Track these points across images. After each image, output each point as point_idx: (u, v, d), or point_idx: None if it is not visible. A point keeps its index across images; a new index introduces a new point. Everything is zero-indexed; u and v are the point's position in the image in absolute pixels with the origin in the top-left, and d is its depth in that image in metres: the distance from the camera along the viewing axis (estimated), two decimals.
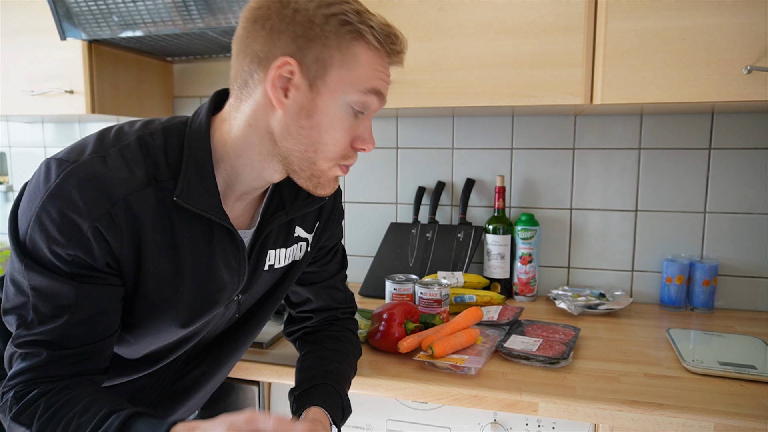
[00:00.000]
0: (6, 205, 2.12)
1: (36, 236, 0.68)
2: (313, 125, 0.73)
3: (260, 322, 0.97)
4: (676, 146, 1.50)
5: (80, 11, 1.34)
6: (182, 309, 0.80)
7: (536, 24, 1.19)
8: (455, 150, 1.66)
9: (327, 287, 1.03)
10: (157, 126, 0.78)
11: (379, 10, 1.29)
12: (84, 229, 0.68)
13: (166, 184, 0.74)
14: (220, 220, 0.77)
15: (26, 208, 0.69)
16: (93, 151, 0.71)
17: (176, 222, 0.75)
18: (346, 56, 0.72)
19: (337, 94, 0.73)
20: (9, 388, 0.70)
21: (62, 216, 0.67)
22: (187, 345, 0.88)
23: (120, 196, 0.70)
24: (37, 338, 0.70)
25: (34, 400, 0.69)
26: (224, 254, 0.81)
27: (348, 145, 0.76)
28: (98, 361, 0.74)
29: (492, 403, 0.98)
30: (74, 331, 0.70)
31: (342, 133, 0.75)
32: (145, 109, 1.74)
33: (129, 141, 0.74)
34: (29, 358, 0.70)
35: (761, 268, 1.48)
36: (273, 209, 0.86)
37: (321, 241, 0.98)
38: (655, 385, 1.00)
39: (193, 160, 0.76)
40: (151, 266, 0.74)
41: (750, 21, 1.08)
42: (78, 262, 0.69)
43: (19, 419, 0.68)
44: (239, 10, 1.26)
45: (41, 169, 0.70)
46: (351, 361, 0.99)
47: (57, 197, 0.67)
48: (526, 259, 1.54)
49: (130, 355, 0.83)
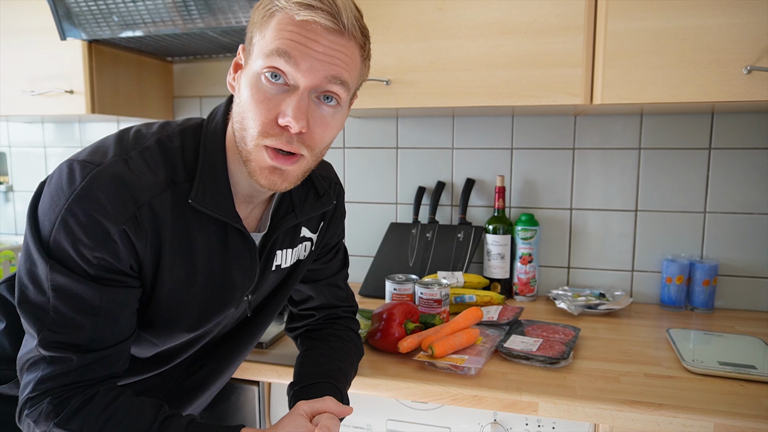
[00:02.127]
0: (6, 205, 2.12)
1: (61, 238, 0.68)
2: (239, 102, 0.74)
3: (266, 321, 0.97)
4: (676, 146, 1.50)
5: (80, 11, 1.34)
6: (195, 309, 0.80)
7: (536, 24, 1.19)
8: (455, 150, 1.66)
9: (329, 285, 1.04)
10: (175, 128, 0.79)
11: (379, 10, 1.30)
12: (111, 232, 0.68)
13: (182, 186, 0.75)
14: (234, 222, 0.78)
15: (49, 209, 0.69)
16: (115, 154, 0.72)
17: (191, 224, 0.76)
18: (263, 28, 0.72)
19: (251, 65, 0.73)
20: (40, 393, 0.69)
21: (90, 218, 0.67)
22: (197, 345, 0.89)
23: (145, 200, 0.70)
24: (63, 341, 0.69)
25: (80, 406, 0.69)
26: (237, 256, 0.81)
27: (269, 121, 0.71)
28: (123, 362, 0.75)
29: (492, 403, 0.98)
30: (99, 333, 0.71)
31: (256, 105, 0.71)
32: (145, 109, 1.74)
33: (149, 143, 0.75)
34: (58, 363, 0.69)
35: (761, 268, 1.48)
36: (283, 212, 0.87)
37: (324, 239, 0.99)
38: (655, 385, 1.00)
39: (208, 162, 0.76)
40: (167, 268, 0.75)
41: (750, 21, 1.08)
42: (103, 265, 0.70)
43: (67, 426, 0.68)
44: (239, 10, 1.26)
45: (63, 170, 0.70)
46: (353, 360, 0.99)
47: (84, 199, 0.67)
48: (526, 259, 1.54)
49: (142, 354, 0.84)
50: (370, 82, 1.28)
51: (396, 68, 1.28)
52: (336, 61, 0.71)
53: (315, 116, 0.73)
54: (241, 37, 1.43)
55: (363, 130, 1.72)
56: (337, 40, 0.71)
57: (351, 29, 0.71)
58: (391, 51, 1.28)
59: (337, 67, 0.71)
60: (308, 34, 0.69)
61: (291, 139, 0.71)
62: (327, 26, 0.69)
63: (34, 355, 0.70)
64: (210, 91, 1.85)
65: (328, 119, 0.74)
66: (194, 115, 1.82)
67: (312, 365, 0.93)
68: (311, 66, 0.69)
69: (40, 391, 0.69)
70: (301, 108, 0.70)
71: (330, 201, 0.93)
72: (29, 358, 0.70)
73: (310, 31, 0.69)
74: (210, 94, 1.84)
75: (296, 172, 0.75)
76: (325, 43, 0.70)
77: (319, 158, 0.79)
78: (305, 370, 0.93)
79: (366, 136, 1.73)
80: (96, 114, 1.54)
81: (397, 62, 1.28)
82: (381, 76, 1.28)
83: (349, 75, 0.73)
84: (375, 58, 1.28)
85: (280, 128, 0.71)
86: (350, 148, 1.74)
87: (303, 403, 0.78)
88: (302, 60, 0.69)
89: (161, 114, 1.82)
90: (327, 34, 0.70)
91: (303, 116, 0.70)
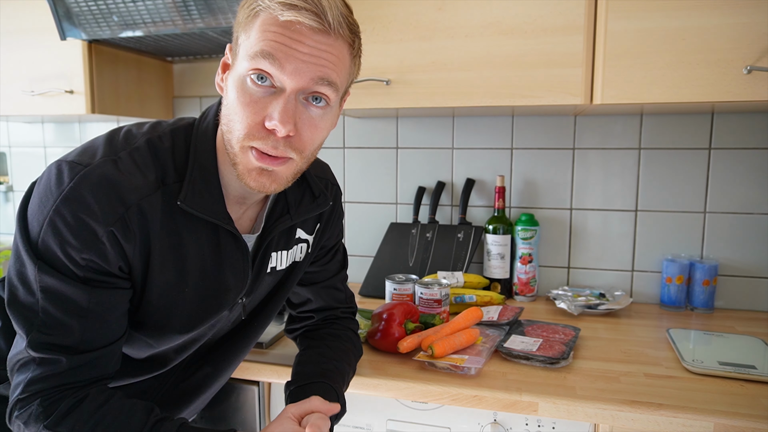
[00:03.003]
0: (6, 205, 2.12)
1: (49, 239, 0.68)
2: (227, 103, 0.73)
3: (263, 324, 0.97)
4: (676, 146, 1.50)
5: (80, 11, 1.34)
6: (187, 312, 0.80)
7: (536, 24, 1.19)
8: (455, 150, 1.66)
9: (327, 287, 1.04)
10: (165, 128, 0.78)
11: (379, 10, 1.30)
12: (99, 233, 0.68)
13: (172, 187, 0.74)
14: (225, 224, 0.77)
15: (37, 210, 0.69)
16: (104, 154, 0.71)
17: (181, 225, 0.75)
18: (248, 29, 0.70)
19: (237, 66, 0.72)
20: (30, 394, 0.69)
21: (77, 220, 0.67)
22: (192, 347, 0.88)
23: (133, 201, 0.70)
24: (52, 342, 0.69)
25: (70, 409, 0.69)
26: (229, 258, 0.81)
27: (255, 124, 0.70)
28: (113, 364, 0.75)
29: (492, 403, 0.98)
30: (89, 335, 0.70)
31: (242, 107, 0.70)
32: (145, 109, 1.74)
33: (138, 144, 0.74)
34: (47, 365, 0.69)
35: (761, 268, 1.48)
36: (278, 213, 0.86)
37: (321, 241, 0.99)
38: (655, 385, 1.00)
39: (198, 163, 0.76)
40: (157, 269, 0.74)
41: (750, 21, 1.08)
42: (92, 267, 0.69)
43: (56, 429, 0.68)
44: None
45: (52, 171, 0.69)
46: (351, 360, 0.99)
47: (71, 201, 0.67)
48: (526, 259, 1.54)
49: (137, 355, 0.83)
50: (370, 82, 1.28)
51: (396, 68, 1.28)
52: (322, 61, 0.69)
53: (303, 118, 0.71)
54: None
55: (363, 130, 1.72)
56: (323, 39, 0.69)
57: (337, 28, 0.69)
58: (391, 51, 1.28)
59: (324, 68, 0.70)
60: (292, 35, 0.67)
61: (277, 144, 0.70)
62: (312, 26, 0.67)
63: (23, 356, 0.69)
64: (210, 91, 1.84)
65: (317, 121, 0.73)
66: (194, 116, 1.81)
67: (308, 365, 0.93)
68: (297, 68, 0.68)
69: (30, 393, 0.69)
70: (287, 111, 0.68)
71: (326, 202, 0.92)
72: (19, 359, 0.70)
73: (295, 32, 0.67)
74: (210, 94, 1.84)
75: (285, 174, 0.74)
76: (311, 44, 0.68)
77: (310, 160, 0.77)
78: (302, 369, 0.92)
79: (366, 136, 1.73)
80: (96, 114, 1.54)
81: (397, 62, 1.28)
82: (381, 76, 1.28)
83: (338, 75, 0.72)
84: (375, 58, 1.29)
85: (266, 131, 0.70)
86: (350, 148, 1.74)
87: (291, 406, 0.78)
88: (287, 62, 0.68)
89: (161, 114, 1.82)
90: (312, 35, 0.68)
91: (290, 120, 0.69)
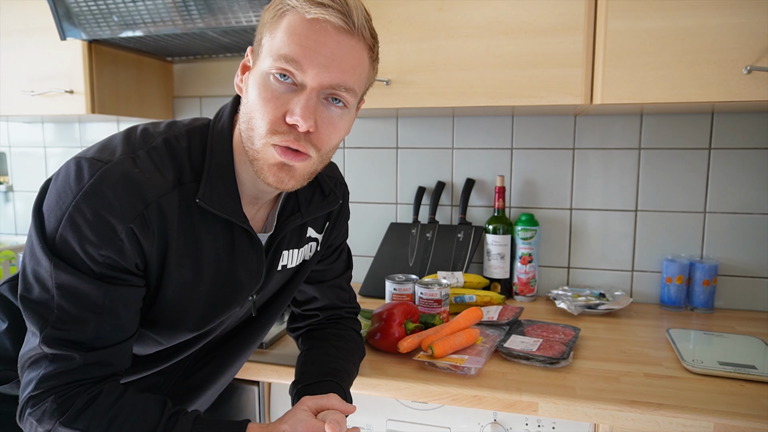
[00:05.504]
0: (6, 205, 2.12)
1: (68, 235, 0.68)
2: (247, 101, 0.74)
3: (270, 321, 0.98)
4: (676, 146, 1.50)
5: (80, 11, 1.34)
6: (200, 309, 0.80)
7: (536, 24, 1.19)
8: (455, 150, 1.66)
9: (333, 286, 1.04)
10: (182, 128, 0.79)
11: (379, 9, 1.30)
12: (119, 230, 0.68)
13: (189, 186, 0.75)
14: (241, 222, 0.78)
15: (55, 206, 0.69)
16: (123, 152, 0.72)
17: (198, 224, 0.76)
18: (273, 29, 0.72)
19: (259, 65, 0.73)
20: (43, 391, 0.69)
21: (97, 216, 0.67)
22: (199, 343, 0.89)
23: (153, 198, 0.70)
24: (65, 339, 0.69)
25: (86, 405, 0.69)
26: (244, 256, 0.81)
27: (276, 119, 0.71)
28: (125, 361, 0.75)
29: (492, 403, 0.98)
30: (102, 332, 0.71)
31: (264, 103, 0.71)
32: (145, 109, 1.74)
33: (156, 143, 0.75)
34: (61, 361, 0.69)
35: (761, 268, 1.48)
36: (288, 212, 0.87)
37: (329, 240, 1.00)
38: (655, 385, 1.00)
39: (215, 162, 0.77)
40: (174, 267, 0.75)
41: (750, 21, 1.08)
42: (109, 263, 0.70)
43: (73, 425, 0.68)
44: (239, 10, 1.26)
45: (71, 168, 0.70)
46: (355, 360, 0.99)
47: (92, 197, 0.67)
48: (526, 259, 1.54)
49: (143, 352, 0.84)
50: None
51: (396, 68, 1.28)
52: (344, 63, 0.71)
53: (323, 116, 0.73)
54: (241, 37, 1.43)
55: (363, 130, 1.72)
56: (347, 40, 0.70)
57: (361, 29, 0.71)
58: (391, 51, 1.28)
59: (344, 71, 0.71)
60: (318, 36, 0.69)
61: (299, 137, 0.71)
62: (337, 25, 0.69)
63: (36, 352, 0.69)
64: (210, 91, 1.85)
65: (336, 120, 0.74)
66: (194, 116, 1.82)
67: (315, 364, 0.93)
68: (320, 68, 0.69)
69: (42, 389, 0.69)
70: (309, 107, 0.70)
71: (336, 201, 0.93)
72: (31, 356, 0.70)
73: (320, 32, 0.69)
74: (210, 94, 1.84)
75: (303, 171, 0.75)
76: (334, 44, 0.70)
77: (325, 161, 0.78)
78: (308, 368, 0.93)
79: (366, 136, 1.73)
80: (96, 114, 1.54)
81: (397, 62, 1.28)
82: (381, 76, 1.28)
83: (357, 78, 0.74)
84: None
85: (287, 126, 0.71)
86: (350, 148, 1.74)
87: (308, 398, 0.79)
88: (311, 61, 0.69)
89: (161, 114, 1.82)
90: (336, 35, 0.70)
91: (311, 115, 0.70)
